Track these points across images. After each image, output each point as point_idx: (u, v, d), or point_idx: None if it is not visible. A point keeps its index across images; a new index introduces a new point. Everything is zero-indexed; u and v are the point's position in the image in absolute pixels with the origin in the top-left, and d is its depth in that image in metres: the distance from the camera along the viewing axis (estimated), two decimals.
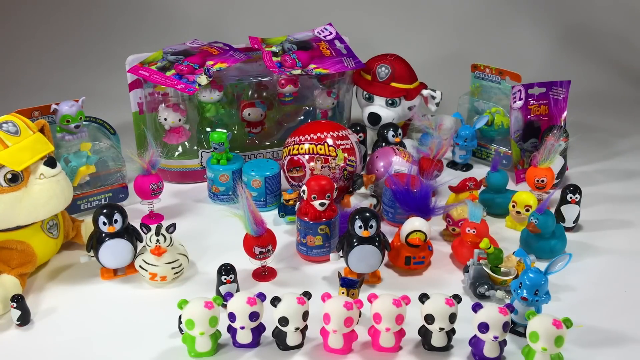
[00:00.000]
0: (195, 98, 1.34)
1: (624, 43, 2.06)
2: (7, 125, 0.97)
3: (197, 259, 1.09)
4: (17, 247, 0.99)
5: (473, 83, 1.51)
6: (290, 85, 1.40)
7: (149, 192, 1.16)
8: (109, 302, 0.98)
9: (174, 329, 0.90)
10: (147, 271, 0.99)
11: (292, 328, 0.83)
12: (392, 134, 1.34)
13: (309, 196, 1.05)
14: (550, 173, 1.21)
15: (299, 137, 1.21)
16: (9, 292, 0.93)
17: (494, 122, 1.44)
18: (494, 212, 1.21)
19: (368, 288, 1.01)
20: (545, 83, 1.40)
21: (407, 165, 1.23)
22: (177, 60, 1.29)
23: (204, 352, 0.85)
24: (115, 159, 1.25)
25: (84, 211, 1.21)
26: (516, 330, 0.91)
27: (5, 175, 0.94)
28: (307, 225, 1.06)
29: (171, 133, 1.34)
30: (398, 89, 1.45)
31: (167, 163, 1.33)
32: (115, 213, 0.98)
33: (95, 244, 0.99)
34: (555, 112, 1.41)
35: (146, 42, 1.86)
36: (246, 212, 0.96)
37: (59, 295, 1.00)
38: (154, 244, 0.96)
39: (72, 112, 1.18)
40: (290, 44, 1.40)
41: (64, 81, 1.87)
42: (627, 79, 1.97)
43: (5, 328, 0.92)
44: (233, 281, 0.95)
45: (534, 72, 1.79)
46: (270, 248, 1.00)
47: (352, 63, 1.41)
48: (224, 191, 1.26)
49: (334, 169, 1.19)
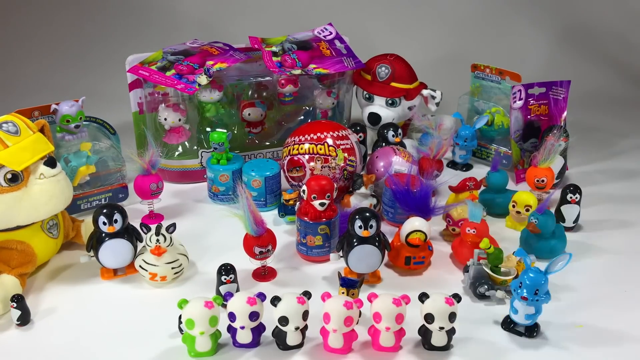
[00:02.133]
0: (195, 98, 1.34)
1: (624, 43, 2.06)
2: (7, 125, 0.97)
3: (197, 259, 1.09)
4: (17, 247, 0.99)
5: (473, 83, 1.51)
6: (290, 85, 1.40)
7: (149, 192, 1.16)
8: (109, 302, 0.98)
9: (174, 329, 0.90)
10: (147, 271, 0.99)
11: (292, 327, 0.83)
12: (392, 134, 1.34)
13: (309, 196, 1.05)
14: (550, 173, 1.21)
15: (299, 137, 1.21)
16: (9, 292, 0.93)
17: (494, 122, 1.44)
18: (494, 212, 1.21)
19: (368, 288, 1.01)
20: (545, 83, 1.40)
21: (407, 165, 1.23)
22: (177, 60, 1.29)
23: (204, 352, 0.85)
24: (115, 159, 1.25)
25: (84, 211, 1.21)
26: (516, 330, 0.91)
27: (5, 175, 0.94)
28: (307, 225, 1.06)
29: (171, 133, 1.34)
30: (398, 89, 1.45)
31: (167, 163, 1.33)
32: (115, 213, 0.98)
33: (95, 244, 0.99)
34: (555, 112, 1.41)
35: (146, 42, 1.86)
36: (246, 212, 0.96)
37: (59, 295, 1.00)
38: (154, 244, 0.96)
39: (72, 112, 1.18)
40: (290, 44, 1.40)
41: (64, 81, 1.87)
42: (627, 79, 1.97)
43: (5, 328, 0.92)
44: (233, 281, 0.95)
45: (534, 72, 1.79)
46: (270, 248, 1.00)
47: (352, 63, 1.41)
48: (224, 191, 1.26)
49: (334, 169, 1.19)
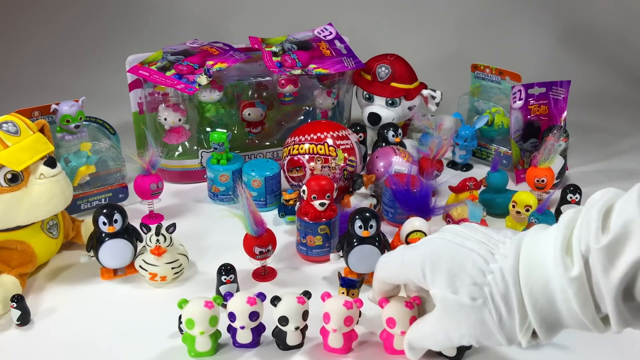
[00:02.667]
0: (195, 98, 1.34)
1: (624, 43, 2.06)
2: (7, 125, 0.97)
3: (197, 259, 1.09)
4: (17, 247, 0.99)
5: (473, 83, 1.51)
6: (290, 85, 1.40)
7: (149, 192, 1.16)
8: (109, 302, 0.98)
9: (174, 329, 0.90)
10: (147, 271, 0.99)
11: (292, 327, 0.83)
12: (392, 134, 1.34)
13: (309, 196, 1.05)
14: (550, 173, 1.21)
15: (299, 137, 1.21)
16: (9, 292, 0.93)
17: (494, 122, 1.45)
18: (494, 212, 1.21)
19: (368, 288, 1.01)
20: (545, 83, 1.40)
21: (407, 165, 1.23)
22: (177, 60, 1.29)
23: (204, 352, 0.85)
24: (115, 159, 1.25)
25: (84, 211, 1.22)
26: None
27: (5, 175, 0.94)
28: (307, 225, 1.06)
29: (171, 133, 1.34)
30: (398, 89, 1.45)
31: (167, 163, 1.33)
32: (115, 213, 0.98)
33: (95, 244, 0.99)
34: (555, 112, 1.41)
35: (146, 42, 1.86)
36: (246, 212, 0.96)
37: (59, 295, 1.00)
38: (154, 244, 0.96)
39: (72, 112, 1.18)
40: (290, 44, 1.40)
41: (64, 81, 1.87)
42: (627, 79, 1.97)
43: (5, 328, 0.92)
44: (233, 281, 0.95)
45: (534, 72, 1.79)
46: (270, 248, 1.00)
47: (352, 63, 1.41)
48: (224, 191, 1.26)
49: (334, 169, 1.19)
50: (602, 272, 0.57)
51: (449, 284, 0.67)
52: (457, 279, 0.67)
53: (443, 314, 0.70)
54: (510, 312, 0.64)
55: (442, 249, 0.70)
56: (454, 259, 0.68)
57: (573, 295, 0.59)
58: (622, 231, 0.56)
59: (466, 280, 0.66)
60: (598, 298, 0.59)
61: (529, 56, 2.03)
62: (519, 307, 0.64)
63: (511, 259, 0.65)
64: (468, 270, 0.67)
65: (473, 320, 0.66)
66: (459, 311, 0.67)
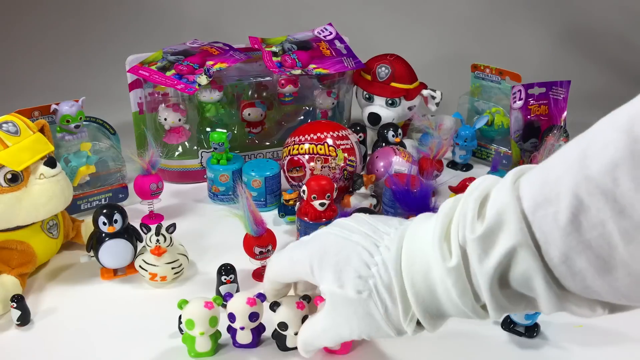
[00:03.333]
0: (195, 98, 1.34)
1: (624, 43, 2.06)
2: (7, 125, 0.97)
3: (197, 259, 1.09)
4: (17, 247, 0.99)
5: (473, 83, 1.51)
6: (290, 85, 1.40)
7: (149, 192, 1.16)
8: (109, 302, 0.98)
9: (174, 329, 0.90)
10: (147, 271, 0.99)
11: (292, 332, 0.83)
12: (392, 134, 1.34)
13: (309, 196, 1.05)
14: None
15: (299, 137, 1.21)
16: (9, 292, 0.93)
17: (494, 122, 1.45)
18: None
19: None
20: (545, 83, 1.40)
21: (407, 165, 1.23)
22: (177, 60, 1.29)
23: (204, 352, 0.85)
24: (115, 159, 1.25)
25: (84, 211, 1.21)
26: (516, 330, 0.91)
27: (5, 175, 0.94)
28: (307, 226, 1.06)
29: (171, 133, 1.34)
30: (398, 89, 1.45)
31: (167, 163, 1.33)
32: (115, 213, 0.98)
33: (95, 244, 0.99)
34: (555, 112, 1.41)
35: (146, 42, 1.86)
36: (246, 212, 0.96)
37: (59, 295, 1.00)
38: (154, 244, 0.96)
39: (72, 112, 1.18)
40: (290, 44, 1.40)
41: (64, 81, 1.87)
42: (627, 79, 1.97)
43: (5, 328, 0.92)
44: (233, 281, 0.95)
45: (534, 72, 1.79)
46: (270, 248, 1.00)
47: (352, 63, 1.41)
48: (224, 191, 1.26)
49: (334, 169, 1.19)
50: (477, 262, 0.56)
51: (336, 278, 0.67)
52: (343, 273, 0.66)
53: (332, 310, 0.69)
54: (394, 303, 0.64)
55: (328, 243, 0.70)
56: (340, 253, 0.68)
57: (452, 285, 0.59)
58: (496, 219, 0.54)
59: (351, 273, 0.66)
60: (476, 287, 0.58)
61: (529, 56, 2.03)
62: (401, 298, 0.63)
63: (394, 251, 0.65)
64: (353, 263, 0.66)
65: (361, 314, 0.66)
66: (347, 305, 0.67)
